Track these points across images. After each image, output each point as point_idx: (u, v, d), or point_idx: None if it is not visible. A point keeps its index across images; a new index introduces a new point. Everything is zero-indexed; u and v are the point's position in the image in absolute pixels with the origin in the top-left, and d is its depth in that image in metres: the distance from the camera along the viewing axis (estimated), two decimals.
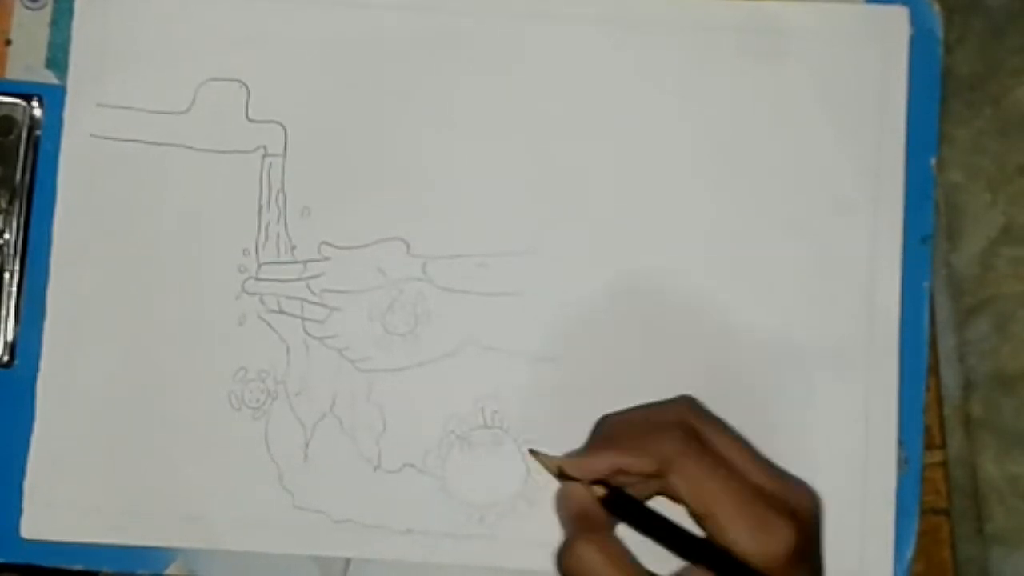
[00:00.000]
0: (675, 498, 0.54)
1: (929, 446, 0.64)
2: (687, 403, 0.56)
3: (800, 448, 0.61)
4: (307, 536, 0.61)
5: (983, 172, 0.68)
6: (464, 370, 0.62)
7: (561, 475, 0.56)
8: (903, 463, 0.62)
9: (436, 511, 0.61)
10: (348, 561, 0.62)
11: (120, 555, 0.62)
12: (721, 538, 0.51)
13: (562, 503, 0.56)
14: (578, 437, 0.58)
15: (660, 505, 0.55)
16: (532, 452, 0.58)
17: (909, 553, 0.61)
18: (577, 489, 0.55)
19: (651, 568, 0.53)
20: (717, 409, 0.59)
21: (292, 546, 0.61)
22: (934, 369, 0.64)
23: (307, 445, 0.62)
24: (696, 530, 0.54)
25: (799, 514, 0.52)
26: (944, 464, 0.65)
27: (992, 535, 0.67)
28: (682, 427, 0.54)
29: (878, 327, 0.62)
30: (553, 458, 0.57)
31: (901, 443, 0.62)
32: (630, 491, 0.55)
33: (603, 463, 0.55)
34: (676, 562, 0.54)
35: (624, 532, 0.55)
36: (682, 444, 0.53)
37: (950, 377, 0.67)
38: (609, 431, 0.56)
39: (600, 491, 0.55)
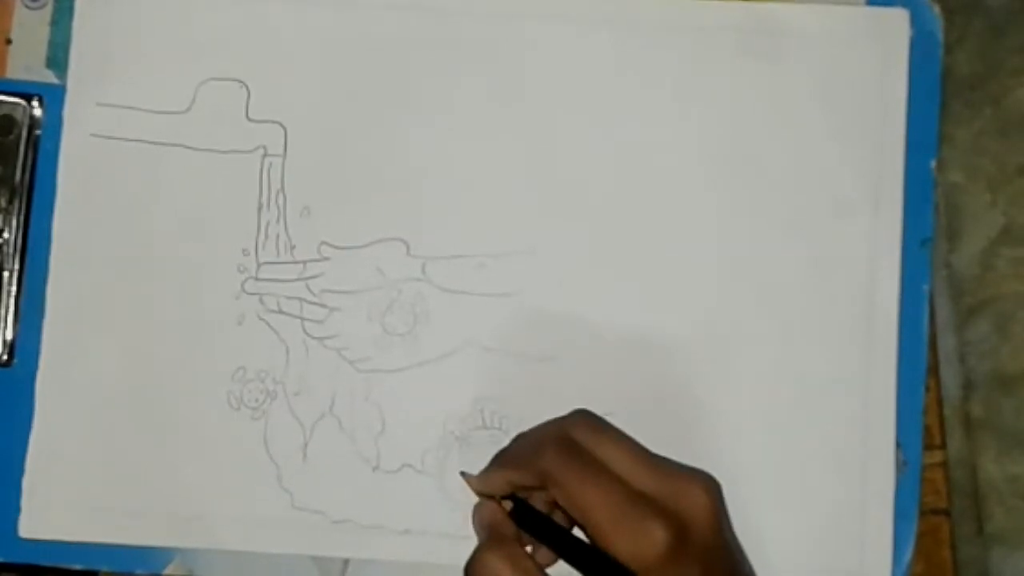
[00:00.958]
0: (560, 508, 0.54)
1: (929, 446, 0.64)
2: (578, 416, 0.56)
3: (799, 449, 0.61)
4: (306, 536, 0.61)
5: (983, 172, 0.68)
6: (463, 370, 0.62)
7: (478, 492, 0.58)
8: (902, 465, 0.62)
9: (435, 511, 0.62)
10: (347, 561, 0.62)
11: (119, 554, 0.62)
12: (601, 544, 0.52)
13: (475, 518, 0.58)
14: None
15: None
16: (462, 474, 0.59)
17: (908, 555, 0.61)
18: (488, 504, 0.57)
19: None
20: (716, 408, 0.59)
21: (291, 546, 0.61)
22: (934, 369, 0.64)
23: (306, 445, 0.62)
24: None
25: (682, 516, 0.52)
26: (944, 464, 0.65)
27: (992, 535, 0.67)
28: (560, 441, 0.54)
29: (877, 329, 0.62)
30: (472, 477, 0.58)
31: (900, 445, 0.62)
32: (539, 505, 0.57)
33: (498, 480, 0.57)
34: None
35: None
36: (558, 457, 0.54)
37: (950, 377, 0.67)
38: (508, 448, 0.58)
39: (508, 505, 0.56)
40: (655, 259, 0.63)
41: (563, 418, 0.56)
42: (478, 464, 0.59)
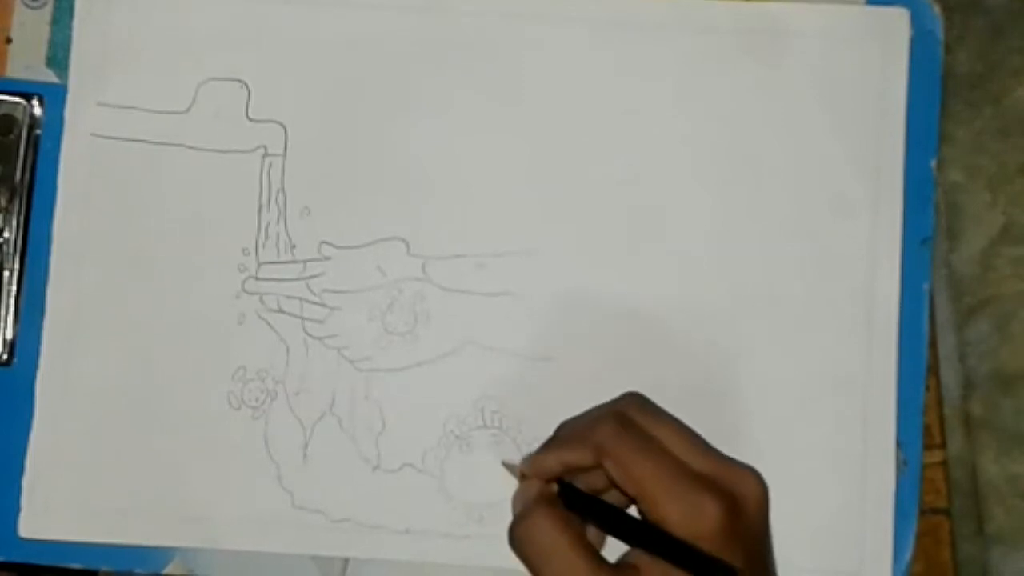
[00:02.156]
0: (614, 484, 0.54)
1: (929, 446, 0.64)
2: (631, 397, 0.56)
3: (799, 449, 0.62)
4: (306, 535, 0.61)
5: (983, 172, 0.68)
6: (463, 370, 0.62)
7: (523, 478, 0.57)
8: (902, 464, 0.62)
9: (435, 511, 0.61)
10: (347, 561, 0.62)
11: (119, 554, 0.62)
12: (653, 516, 0.52)
13: (519, 497, 0.57)
14: None
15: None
16: (504, 464, 0.59)
17: (908, 554, 0.61)
18: (535, 483, 0.57)
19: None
20: (716, 408, 0.59)
21: (291, 545, 0.61)
22: (934, 369, 0.64)
23: (306, 445, 0.62)
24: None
25: (735, 497, 0.52)
26: (944, 464, 0.65)
27: (992, 535, 0.67)
28: (616, 417, 0.55)
29: (877, 329, 0.62)
30: (516, 465, 0.58)
31: (900, 445, 0.62)
32: (585, 488, 0.56)
33: (552, 461, 0.56)
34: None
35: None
36: (614, 431, 0.54)
37: (950, 377, 0.67)
38: (558, 432, 0.58)
39: (553, 487, 0.56)
40: (655, 259, 0.63)
41: (617, 399, 0.56)
42: (478, 464, 0.59)
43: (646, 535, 0.53)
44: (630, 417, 0.55)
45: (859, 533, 0.61)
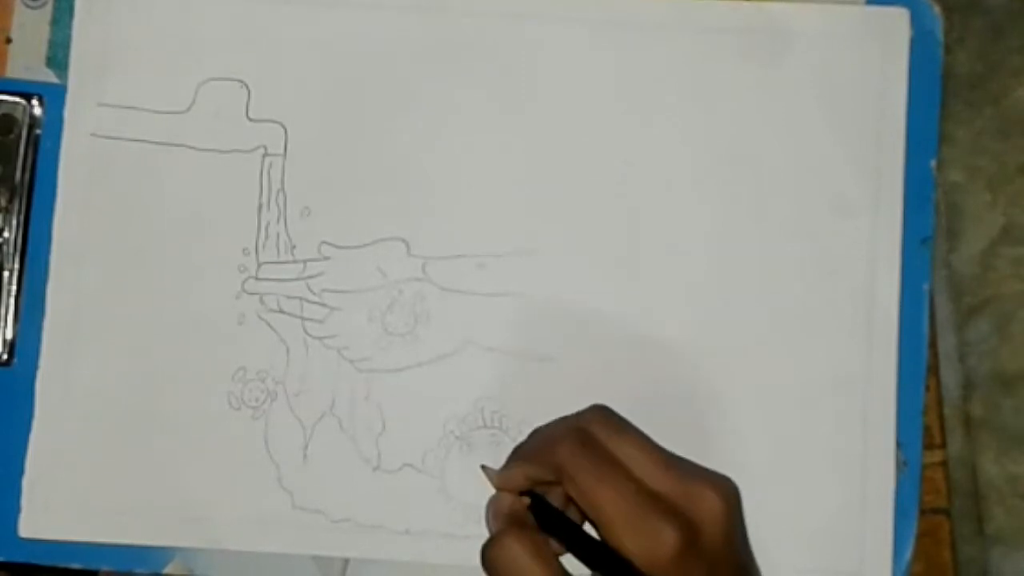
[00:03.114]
0: (574, 504, 0.54)
1: (929, 446, 0.64)
2: (595, 411, 0.56)
3: (798, 449, 0.62)
4: (306, 536, 0.61)
5: (983, 172, 0.69)
6: (463, 370, 0.62)
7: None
8: (902, 465, 0.62)
9: (435, 511, 0.61)
10: (347, 561, 0.62)
11: (118, 554, 0.62)
12: (611, 542, 0.52)
13: (491, 509, 0.57)
14: None
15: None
16: (483, 467, 0.59)
17: (908, 555, 0.61)
18: (507, 495, 0.57)
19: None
20: (716, 408, 0.59)
21: (291, 546, 0.61)
22: (934, 369, 0.64)
23: (306, 445, 0.62)
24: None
25: (694, 519, 0.52)
26: (944, 464, 0.65)
27: (992, 535, 0.67)
28: (577, 435, 0.54)
29: (877, 329, 0.62)
30: (492, 471, 0.58)
31: (900, 445, 0.62)
32: (555, 501, 0.56)
33: (518, 475, 0.56)
34: None
35: None
36: (573, 451, 0.53)
37: (950, 377, 0.67)
38: (526, 443, 0.57)
39: (526, 500, 0.56)
40: (655, 259, 0.63)
41: (581, 413, 0.56)
42: (478, 464, 0.59)
43: (605, 562, 0.53)
44: (592, 434, 0.54)
45: (859, 533, 0.61)
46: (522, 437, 0.61)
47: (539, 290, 0.62)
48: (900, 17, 0.63)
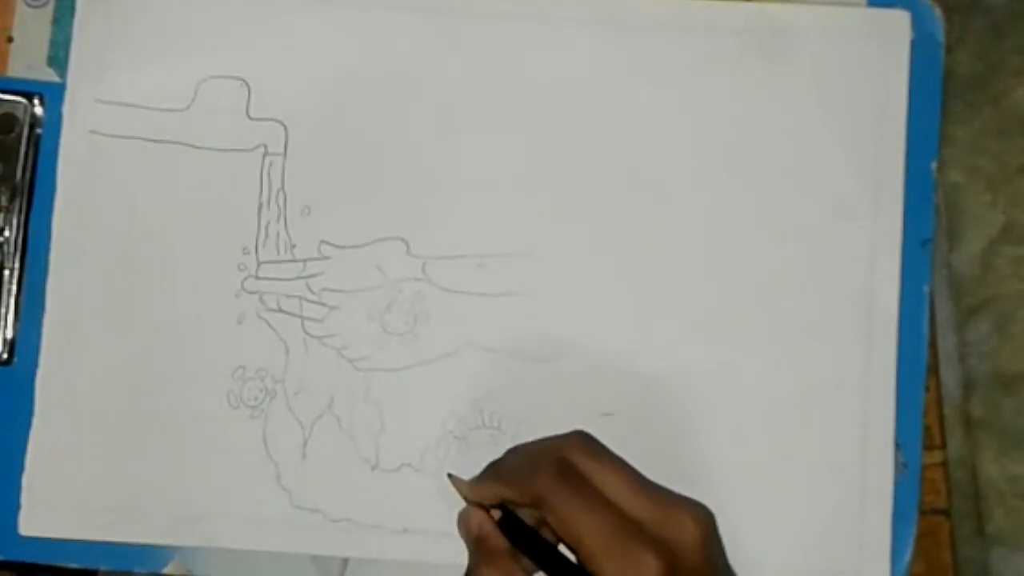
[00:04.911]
0: (552, 529, 0.54)
1: (929, 446, 0.64)
2: (576, 438, 0.56)
3: (797, 450, 0.62)
4: (304, 535, 0.61)
5: (983, 172, 0.69)
6: (462, 370, 0.62)
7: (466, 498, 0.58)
8: (901, 467, 0.62)
9: (433, 510, 0.61)
10: (345, 560, 0.62)
11: (118, 553, 0.62)
12: (590, 567, 0.52)
13: (462, 525, 0.58)
14: None
15: None
16: (449, 476, 0.59)
17: (907, 557, 0.61)
18: (477, 512, 0.57)
19: None
20: (713, 409, 0.59)
21: (289, 545, 0.61)
22: (934, 369, 0.64)
23: (305, 444, 0.62)
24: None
25: (674, 546, 0.52)
26: (944, 464, 0.65)
27: (992, 535, 0.67)
28: (558, 464, 0.54)
29: (877, 330, 0.62)
30: (462, 482, 0.58)
31: (899, 446, 0.62)
32: (526, 517, 0.56)
33: (490, 491, 0.56)
34: None
35: None
36: (553, 481, 0.53)
37: (950, 377, 0.67)
38: (503, 461, 0.57)
39: (497, 514, 0.56)
40: (655, 259, 0.63)
41: (560, 438, 0.56)
42: (477, 464, 0.59)
43: None
44: (572, 463, 0.54)
45: (857, 535, 0.61)
46: (521, 437, 0.61)
47: (538, 291, 0.62)
48: (901, 19, 0.63)
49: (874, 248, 0.62)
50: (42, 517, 0.62)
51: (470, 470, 0.60)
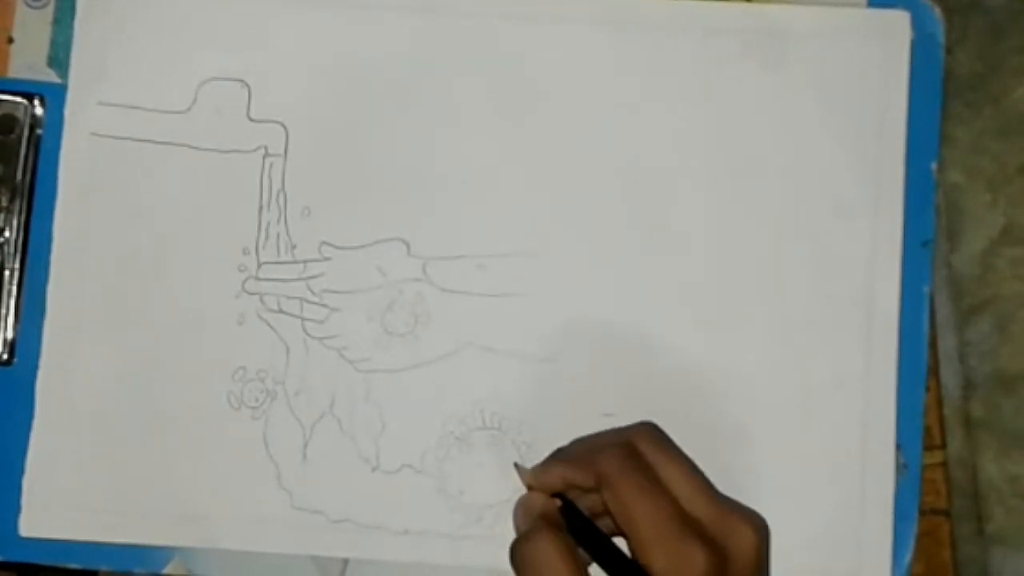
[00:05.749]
0: (609, 513, 0.54)
1: (929, 446, 0.64)
2: (644, 428, 0.56)
3: (798, 451, 0.62)
4: (305, 536, 0.61)
5: (983, 172, 0.69)
6: (463, 371, 0.62)
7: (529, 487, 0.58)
8: (901, 467, 0.62)
9: (434, 511, 0.62)
10: (346, 561, 0.62)
11: (118, 554, 0.62)
12: (641, 559, 0.52)
13: (521, 508, 0.57)
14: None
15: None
16: (515, 465, 0.59)
17: (907, 558, 0.61)
18: (540, 495, 0.57)
19: None
20: (715, 409, 0.59)
21: (290, 546, 0.61)
22: (934, 369, 0.64)
23: (306, 445, 0.62)
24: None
25: (727, 550, 0.52)
26: (944, 464, 0.65)
27: (992, 535, 0.67)
28: (626, 448, 0.54)
29: (877, 330, 0.62)
30: (526, 470, 0.58)
31: (899, 447, 0.62)
32: (586, 508, 0.56)
33: (555, 476, 0.56)
34: None
35: None
36: (619, 463, 0.53)
37: (950, 377, 0.67)
38: (569, 448, 0.58)
39: (556, 503, 0.56)
40: (655, 259, 0.63)
41: (629, 427, 0.56)
42: (477, 465, 0.59)
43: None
44: (639, 450, 0.54)
45: (858, 535, 0.61)
46: (521, 438, 0.61)
47: (539, 291, 0.62)
48: (901, 20, 0.63)
49: (874, 248, 0.62)
50: (42, 518, 0.62)
51: (470, 470, 0.60)
